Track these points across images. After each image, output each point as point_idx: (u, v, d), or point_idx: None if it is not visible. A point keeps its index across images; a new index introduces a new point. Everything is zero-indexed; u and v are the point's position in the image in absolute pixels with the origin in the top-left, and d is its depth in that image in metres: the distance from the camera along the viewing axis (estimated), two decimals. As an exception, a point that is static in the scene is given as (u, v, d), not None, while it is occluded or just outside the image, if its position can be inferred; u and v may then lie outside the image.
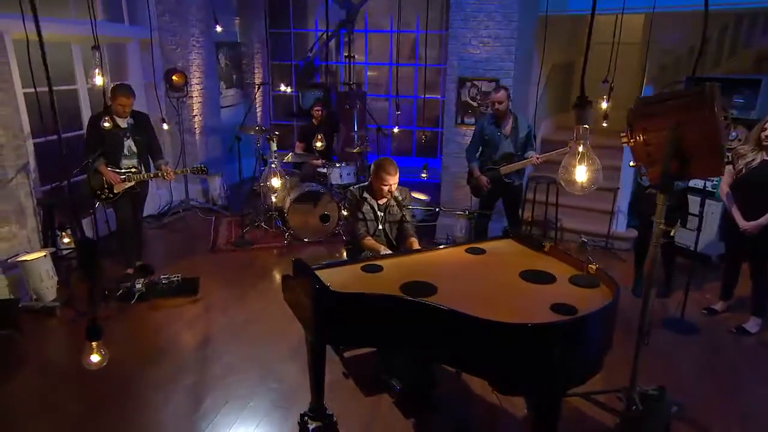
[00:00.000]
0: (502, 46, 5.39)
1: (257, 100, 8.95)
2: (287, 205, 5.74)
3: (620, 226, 5.74)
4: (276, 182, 3.18)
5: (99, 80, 4.46)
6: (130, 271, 4.91)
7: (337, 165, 6.01)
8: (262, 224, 6.26)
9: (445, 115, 5.82)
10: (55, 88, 5.10)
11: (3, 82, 4.23)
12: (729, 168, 3.72)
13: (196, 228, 6.45)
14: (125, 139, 4.68)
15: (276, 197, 6.13)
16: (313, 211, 5.80)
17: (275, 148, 3.16)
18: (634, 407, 2.83)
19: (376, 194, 3.66)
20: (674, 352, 3.96)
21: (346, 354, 3.77)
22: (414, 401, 3.27)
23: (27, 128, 5.01)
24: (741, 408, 3.31)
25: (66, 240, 4.83)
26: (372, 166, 3.65)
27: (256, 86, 8.52)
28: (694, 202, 4.54)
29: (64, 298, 4.47)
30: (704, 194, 4.00)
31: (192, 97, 7.02)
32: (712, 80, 2.24)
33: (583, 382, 2.35)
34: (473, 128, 5.33)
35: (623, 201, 5.68)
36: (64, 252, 4.99)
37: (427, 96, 8.52)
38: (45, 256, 4.37)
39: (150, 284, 4.65)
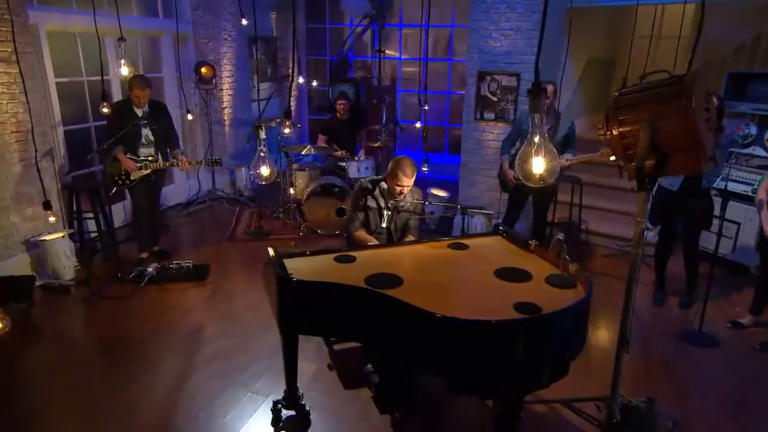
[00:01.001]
0: (523, 38, 5.25)
1: (292, 94, 9.12)
2: (304, 197, 5.83)
3: (651, 230, 5.47)
4: (265, 171, 3.21)
5: (125, 71, 4.69)
6: (144, 255, 5.13)
7: (356, 159, 6.03)
8: (281, 215, 6.38)
9: (463, 111, 5.73)
10: (87, 78, 5.37)
11: (31, 71, 4.50)
12: None
13: (219, 217, 6.66)
14: (143, 128, 4.89)
15: (295, 189, 6.23)
16: (330, 204, 5.86)
17: (264, 136, 3.20)
18: (614, 419, 2.69)
19: (388, 192, 3.63)
20: (685, 365, 3.73)
21: (337, 346, 3.78)
22: (392, 397, 3.24)
23: (58, 116, 5.34)
24: (745, 430, 3.08)
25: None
26: (390, 163, 3.58)
27: (289, 80, 8.68)
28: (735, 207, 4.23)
29: (82, 277, 4.74)
30: (725, 196, 3.74)
31: (222, 89, 7.24)
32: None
33: (544, 385, 2.25)
34: (492, 124, 5.23)
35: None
36: (92, 235, 5.29)
37: (458, 92, 8.41)
38: (63, 236, 4.64)
39: (161, 269, 4.85)
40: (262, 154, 3.28)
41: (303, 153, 6.07)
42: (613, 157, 2.43)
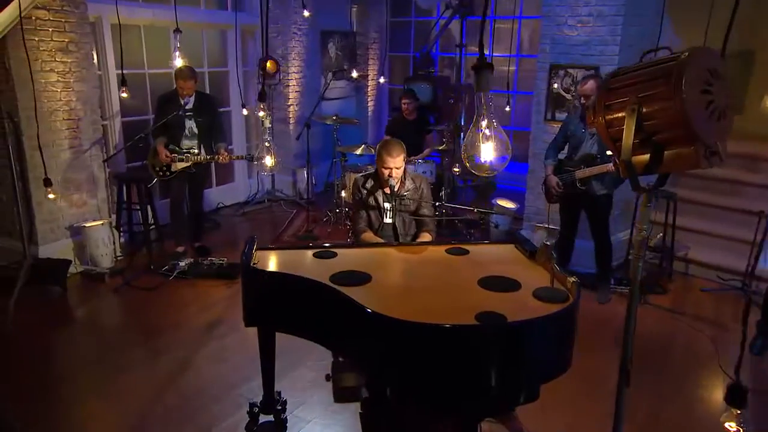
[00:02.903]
0: (604, 26, 5.03)
1: (370, 94, 9.44)
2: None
3: None
4: (269, 161, 3.43)
5: (178, 62, 5.25)
6: (181, 249, 5.61)
7: (413, 162, 6.11)
8: (332, 220, 6.63)
9: (532, 110, 5.60)
10: (149, 71, 6.04)
11: (85, 61, 5.17)
12: None
13: (274, 219, 7.06)
14: (187, 119, 5.38)
15: (347, 192, 6.45)
16: (381, 209, 5.99)
17: (269, 125, 3.42)
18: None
19: (381, 182, 3.71)
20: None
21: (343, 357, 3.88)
22: (379, 416, 3.26)
23: (116, 106, 6.04)
24: None
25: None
26: (377, 146, 3.71)
27: (368, 79, 9.00)
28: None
29: (119, 267, 5.30)
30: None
31: (288, 85, 7.71)
32: None
33: (494, 405, 2.19)
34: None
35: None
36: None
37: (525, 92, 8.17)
38: (103, 224, 5.23)
39: (193, 264, 5.28)
40: (267, 144, 3.50)
41: (358, 153, 6.28)
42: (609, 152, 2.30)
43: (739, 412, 1.78)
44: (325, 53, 8.51)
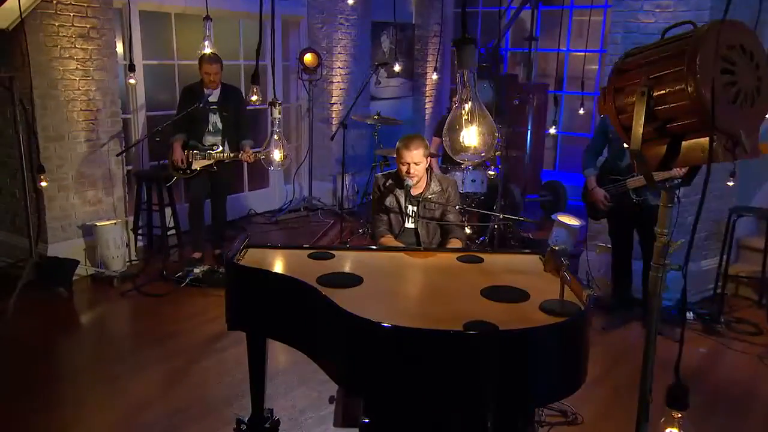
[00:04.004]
0: (689, 10, 4.93)
1: (428, 93, 9.55)
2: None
3: None
4: (277, 155, 3.59)
5: (208, 51, 5.56)
6: (197, 255, 5.86)
7: (460, 168, 6.15)
8: (368, 232, 6.72)
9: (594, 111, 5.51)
10: (178, 62, 6.41)
11: (106, 48, 5.56)
12: None
13: (308, 229, 7.25)
14: (211, 113, 5.66)
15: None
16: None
17: (278, 115, 3.58)
18: None
19: (401, 181, 3.77)
20: None
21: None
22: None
23: (141, 99, 6.43)
24: None
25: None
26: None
27: (427, 76, 9.12)
28: None
29: (130, 272, 5.61)
30: None
31: (332, 82, 7.94)
32: None
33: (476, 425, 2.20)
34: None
35: None
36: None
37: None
38: (115, 224, 5.56)
39: (208, 272, 5.51)
40: (275, 137, 3.65)
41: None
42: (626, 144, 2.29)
43: (680, 415, 1.72)
44: (377, 47, 8.71)
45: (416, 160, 3.62)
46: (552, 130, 6.25)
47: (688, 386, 1.72)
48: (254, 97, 3.30)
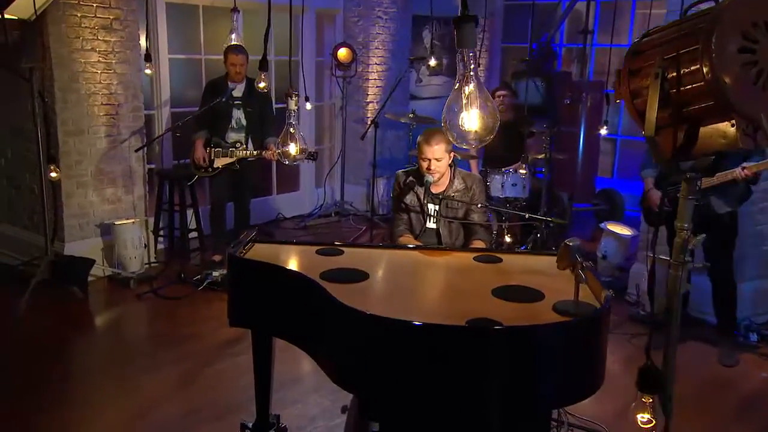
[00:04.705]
0: None
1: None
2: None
3: None
4: (293, 149, 3.71)
5: (235, 43, 5.78)
6: (217, 257, 6.03)
7: (499, 172, 6.17)
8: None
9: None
10: (205, 56, 6.62)
11: (129, 41, 5.81)
12: None
13: (338, 235, 7.37)
14: (234, 108, 5.85)
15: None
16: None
17: (295, 107, 3.70)
18: None
19: (422, 177, 3.83)
20: None
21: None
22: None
23: (166, 95, 6.68)
24: None
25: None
26: None
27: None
28: None
29: (148, 273, 5.82)
30: None
31: (367, 79, 8.08)
32: None
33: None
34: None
35: None
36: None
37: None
38: (134, 223, 5.78)
39: (227, 276, 5.66)
40: (291, 130, 3.76)
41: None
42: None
43: (651, 399, 1.73)
44: (418, 42, 8.81)
45: (437, 155, 3.68)
46: (603, 131, 6.20)
47: (659, 368, 1.74)
48: (262, 84, 3.43)
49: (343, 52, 7.66)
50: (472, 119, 2.09)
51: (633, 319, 5.20)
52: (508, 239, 5.93)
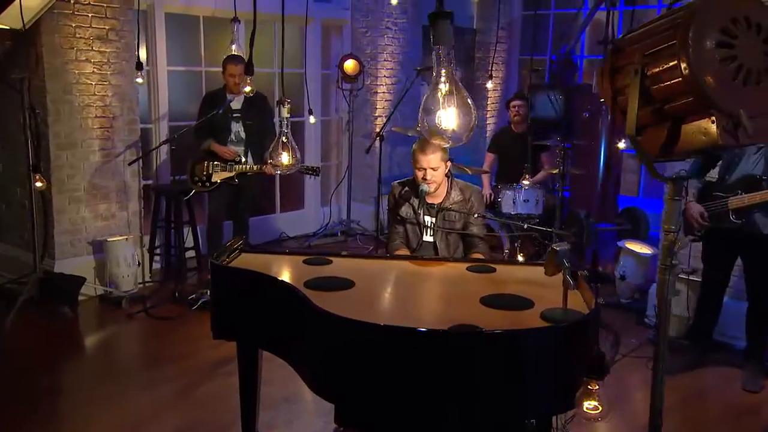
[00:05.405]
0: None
1: (489, 107, 9.74)
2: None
3: None
4: (285, 159, 3.85)
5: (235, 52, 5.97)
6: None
7: (510, 187, 6.27)
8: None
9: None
10: (206, 68, 6.80)
11: (125, 52, 6.02)
12: None
13: (343, 256, 7.49)
14: (233, 121, 6.03)
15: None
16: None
17: (287, 115, 3.84)
18: None
19: (418, 188, 3.94)
20: None
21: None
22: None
23: (164, 108, 6.88)
24: None
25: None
26: None
27: (487, 87, 9.31)
28: None
29: (141, 293, 5.97)
30: None
31: (376, 92, 8.25)
32: None
33: None
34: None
35: None
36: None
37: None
38: (127, 240, 5.94)
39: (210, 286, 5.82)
40: (284, 139, 3.90)
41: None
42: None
43: (597, 386, 1.81)
44: (429, 54, 8.96)
45: (433, 164, 3.80)
46: (621, 144, 6.29)
47: (605, 354, 1.83)
48: (247, 88, 3.59)
49: (349, 64, 7.84)
50: (449, 118, 2.21)
51: (653, 342, 5.24)
52: (520, 258, 6.01)
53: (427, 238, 4.01)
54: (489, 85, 8.41)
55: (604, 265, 7.01)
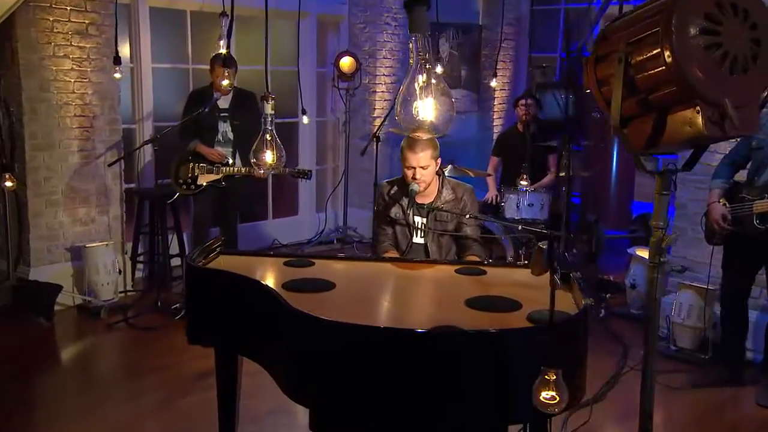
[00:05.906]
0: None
1: (497, 108, 9.77)
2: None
3: None
4: (269, 157, 3.88)
5: (223, 52, 6.03)
6: (198, 285, 6.21)
7: (515, 189, 6.30)
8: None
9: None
10: (193, 66, 6.86)
11: (106, 47, 6.06)
12: None
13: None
14: (221, 121, 6.07)
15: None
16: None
17: (271, 111, 3.89)
18: None
19: (407, 187, 3.97)
20: None
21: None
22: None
23: (149, 107, 6.93)
24: None
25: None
26: None
27: (493, 88, 9.35)
28: None
29: (122, 302, 6.01)
30: None
31: (374, 92, 8.28)
32: None
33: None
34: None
35: None
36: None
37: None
38: (107, 246, 5.98)
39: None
40: (268, 136, 3.94)
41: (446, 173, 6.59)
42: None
43: (554, 376, 1.84)
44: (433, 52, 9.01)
45: (423, 163, 3.82)
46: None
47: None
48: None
49: (345, 62, 7.87)
50: (426, 109, 2.25)
51: (662, 354, 5.24)
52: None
53: (418, 239, 4.02)
54: (493, 83, 8.41)
55: (616, 273, 7.01)
